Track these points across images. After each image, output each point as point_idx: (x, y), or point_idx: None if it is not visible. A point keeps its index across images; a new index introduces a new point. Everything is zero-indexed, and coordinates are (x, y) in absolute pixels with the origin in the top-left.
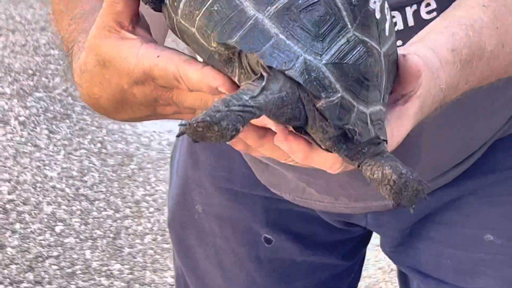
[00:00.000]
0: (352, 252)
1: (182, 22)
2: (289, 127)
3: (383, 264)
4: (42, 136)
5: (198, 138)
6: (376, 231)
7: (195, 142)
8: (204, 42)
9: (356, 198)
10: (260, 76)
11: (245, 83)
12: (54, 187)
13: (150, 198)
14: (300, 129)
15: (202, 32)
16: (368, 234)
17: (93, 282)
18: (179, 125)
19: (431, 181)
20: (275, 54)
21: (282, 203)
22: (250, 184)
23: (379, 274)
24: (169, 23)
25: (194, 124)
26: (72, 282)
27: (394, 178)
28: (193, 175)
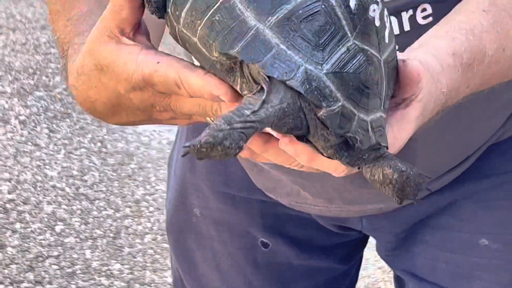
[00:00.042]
0: (348, 256)
1: (184, 31)
2: (291, 137)
3: (383, 263)
4: (42, 135)
5: (202, 157)
6: (371, 235)
7: (200, 160)
8: (206, 52)
9: (350, 201)
10: (260, 88)
11: (245, 97)
12: (54, 187)
13: (150, 197)
14: (302, 138)
15: (203, 41)
16: (364, 238)
17: (93, 282)
18: (184, 146)
19: (426, 184)
20: (276, 65)
21: (279, 208)
22: (247, 188)
23: (379, 273)
24: (171, 32)
25: (198, 145)
26: (72, 282)
27: (395, 177)
28: (190, 179)
